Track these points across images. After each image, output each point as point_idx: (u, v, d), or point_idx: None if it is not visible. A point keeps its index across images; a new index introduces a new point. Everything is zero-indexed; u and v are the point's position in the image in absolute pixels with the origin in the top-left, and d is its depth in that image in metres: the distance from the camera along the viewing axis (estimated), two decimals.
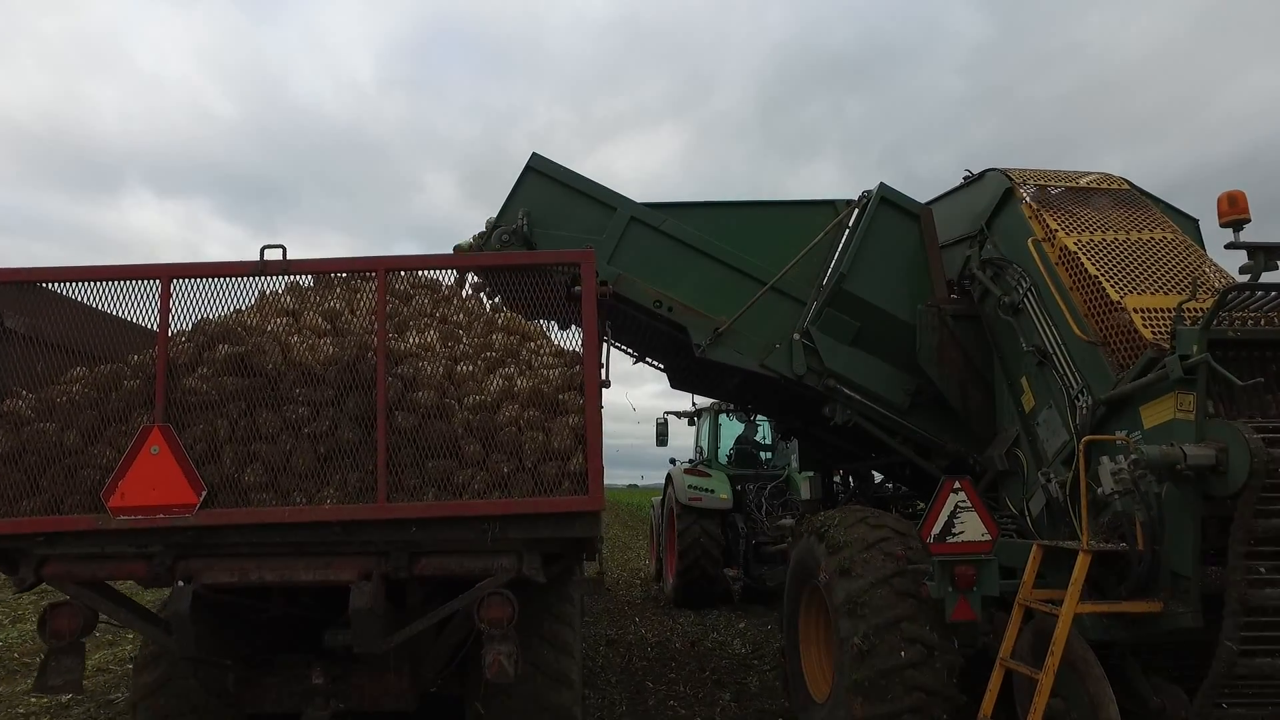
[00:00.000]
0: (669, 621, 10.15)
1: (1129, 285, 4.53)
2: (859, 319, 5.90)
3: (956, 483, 4.49)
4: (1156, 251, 4.81)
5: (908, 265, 5.93)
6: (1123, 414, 4.31)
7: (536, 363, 4.32)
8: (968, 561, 4.40)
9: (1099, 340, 4.53)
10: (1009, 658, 4.17)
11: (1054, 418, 4.90)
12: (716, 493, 10.76)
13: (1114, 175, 5.66)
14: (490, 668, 3.86)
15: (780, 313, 6.00)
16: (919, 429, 5.99)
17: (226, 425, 3.96)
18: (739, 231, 6.12)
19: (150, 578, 3.97)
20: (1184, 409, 3.84)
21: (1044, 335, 4.93)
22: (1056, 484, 4.77)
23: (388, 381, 3.97)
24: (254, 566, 3.95)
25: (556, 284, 4.32)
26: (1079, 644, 3.93)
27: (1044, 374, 4.97)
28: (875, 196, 5.97)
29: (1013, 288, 5.24)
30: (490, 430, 4.00)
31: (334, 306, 4.52)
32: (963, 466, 5.80)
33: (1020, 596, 4.20)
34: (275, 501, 3.89)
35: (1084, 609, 3.86)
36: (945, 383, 5.68)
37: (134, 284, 4.14)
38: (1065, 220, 5.10)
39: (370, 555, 3.97)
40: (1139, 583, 3.92)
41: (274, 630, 4.70)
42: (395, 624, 4.13)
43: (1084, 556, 3.88)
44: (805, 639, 5.64)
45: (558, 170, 6.04)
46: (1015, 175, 5.55)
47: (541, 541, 4.02)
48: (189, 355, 4.08)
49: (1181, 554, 3.79)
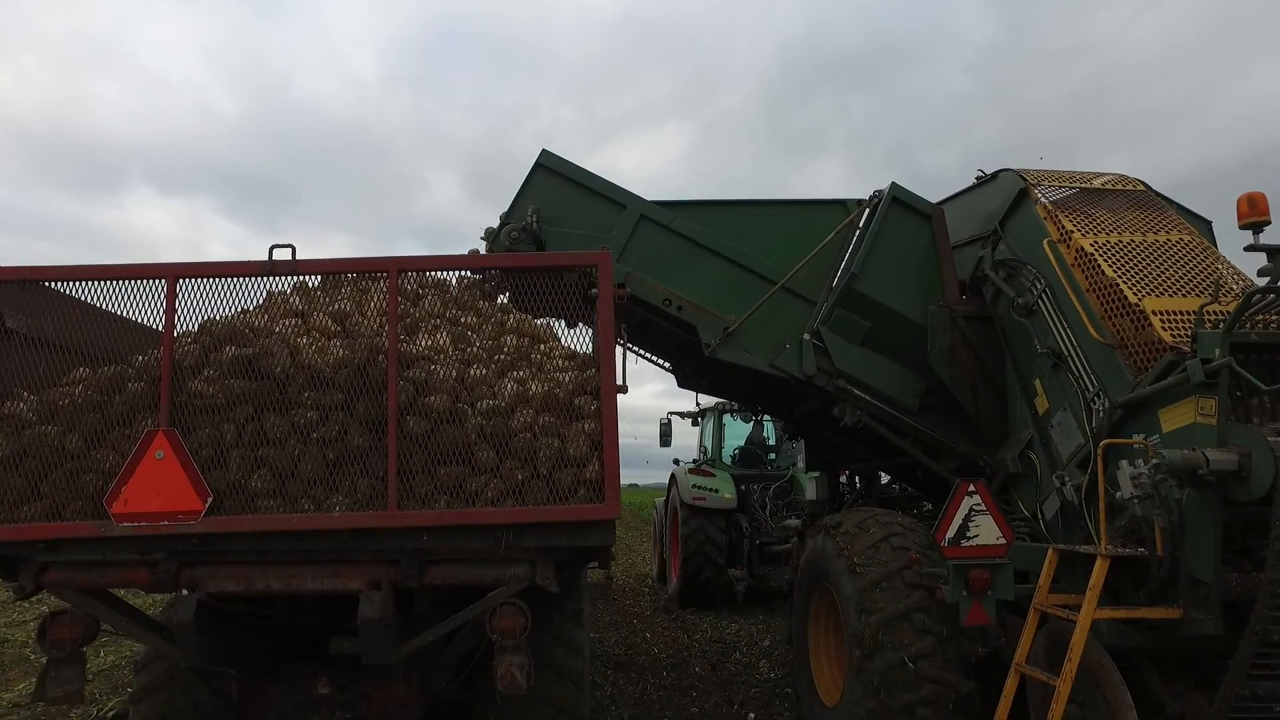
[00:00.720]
0: (683, 636, 9.53)
1: (1147, 288, 4.48)
2: (870, 319, 5.85)
3: (971, 486, 4.44)
4: (1174, 254, 4.76)
5: (919, 266, 5.88)
6: (1140, 417, 4.26)
7: (548, 365, 4.24)
8: (982, 566, 4.36)
9: (1116, 343, 4.48)
10: (1024, 663, 4.13)
11: (1069, 420, 4.85)
12: (720, 493, 10.73)
13: (1129, 176, 5.61)
14: (502, 679, 3.78)
15: (790, 313, 5.96)
16: (929, 430, 5.95)
17: (233, 430, 3.87)
18: (749, 230, 6.08)
19: (154, 586, 3.89)
20: (1205, 413, 3.80)
21: (1059, 337, 4.88)
22: (1071, 487, 4.72)
23: (399, 385, 3.87)
24: (260, 575, 3.86)
25: (568, 284, 4.24)
26: (1096, 650, 3.88)
27: (1059, 376, 4.92)
28: (887, 196, 5.91)
29: (1027, 289, 5.19)
30: (504, 436, 3.91)
31: (343, 308, 4.41)
32: (973, 468, 5.76)
33: (1036, 601, 4.15)
34: (282, 508, 3.80)
35: (1102, 615, 3.82)
36: (956, 384, 5.64)
37: (139, 284, 4.04)
38: (1081, 221, 5.05)
39: (380, 564, 3.88)
40: (1158, 588, 3.87)
41: (278, 637, 4.61)
42: (404, 634, 4.05)
43: (1102, 562, 3.83)
44: (815, 643, 5.60)
45: (568, 167, 5.99)
46: (1030, 176, 5.50)
47: (555, 550, 3.94)
48: (194, 357, 3.98)
49: (1202, 560, 3.74)
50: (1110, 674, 3.84)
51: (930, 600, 4.53)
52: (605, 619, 10.42)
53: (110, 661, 7.92)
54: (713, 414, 13.13)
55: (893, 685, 4.40)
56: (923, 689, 4.37)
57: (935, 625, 4.49)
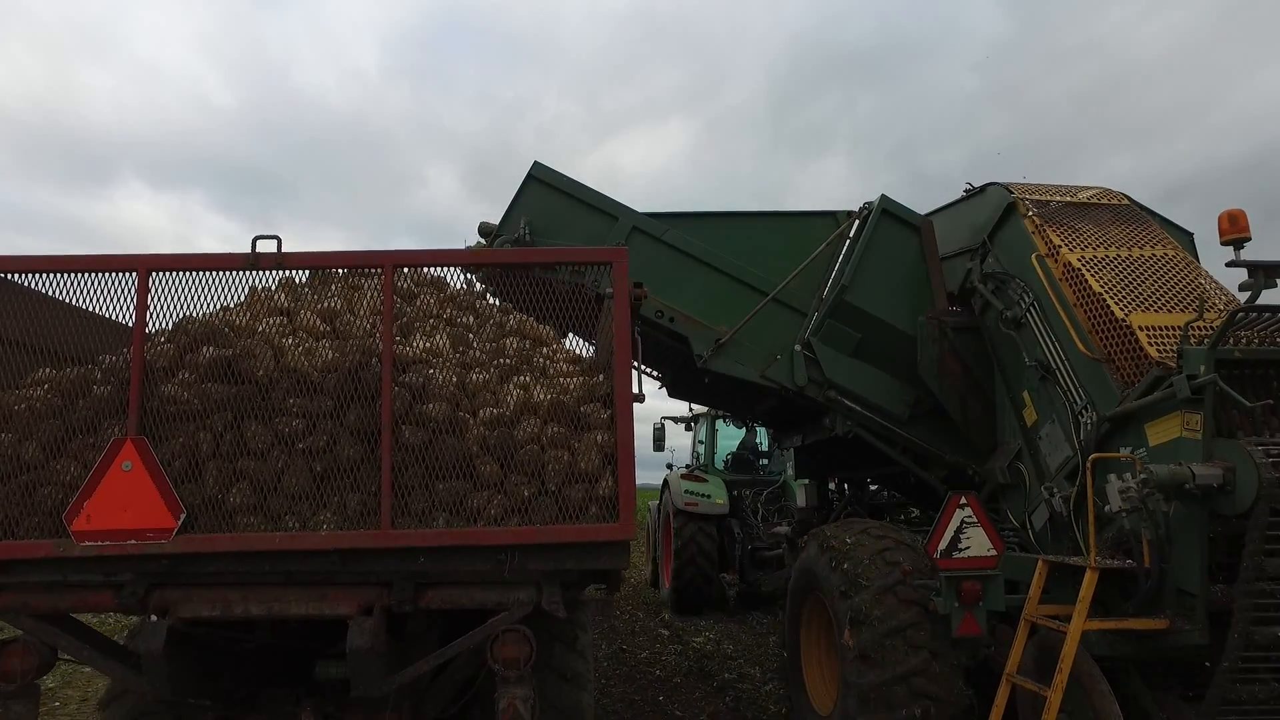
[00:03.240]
0: (674, 640, 9.25)
1: (1133, 303, 4.56)
2: (860, 330, 5.92)
3: (963, 499, 4.51)
4: (1158, 269, 4.84)
5: (908, 277, 5.96)
6: (1127, 431, 4.33)
7: (552, 370, 3.93)
8: (974, 577, 4.43)
9: (1103, 357, 4.55)
10: (1015, 674, 4.19)
11: (1056, 432, 4.92)
12: (713, 498, 10.77)
13: (1113, 190, 5.70)
14: (504, 714, 3.46)
15: (781, 324, 6.02)
16: (918, 440, 6.02)
17: (210, 439, 3.51)
18: (740, 242, 6.13)
19: (120, 610, 3.55)
20: (1190, 428, 3.87)
21: (1047, 350, 4.96)
22: (1060, 498, 4.80)
23: (394, 391, 3.53)
24: (239, 598, 3.52)
25: (571, 284, 4.01)
26: (1086, 660, 3.95)
27: (1046, 388, 5.00)
28: (876, 208, 5.99)
29: (1015, 302, 5.26)
30: (509, 448, 3.58)
31: (333, 306, 4.05)
32: (961, 478, 5.83)
33: (1026, 612, 4.21)
34: (264, 526, 3.48)
35: (1091, 626, 3.88)
36: (945, 395, 5.71)
37: (108, 277, 3.64)
38: (1068, 236, 5.12)
39: (371, 587, 3.57)
40: (1146, 600, 3.95)
41: (259, 661, 4.27)
42: (398, 661, 3.74)
43: (1091, 574, 3.90)
44: (807, 651, 5.65)
45: (559, 179, 6.03)
46: (1017, 189, 5.58)
47: (564, 573, 3.63)
48: (169, 358, 3.61)
49: (1188, 571, 3.82)
50: (1099, 684, 3.91)
51: (924, 615, 4.56)
52: (596, 623, 10.25)
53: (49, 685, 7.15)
54: (706, 419, 13.19)
55: (887, 700, 4.43)
56: (916, 705, 4.40)
57: (930, 640, 4.50)
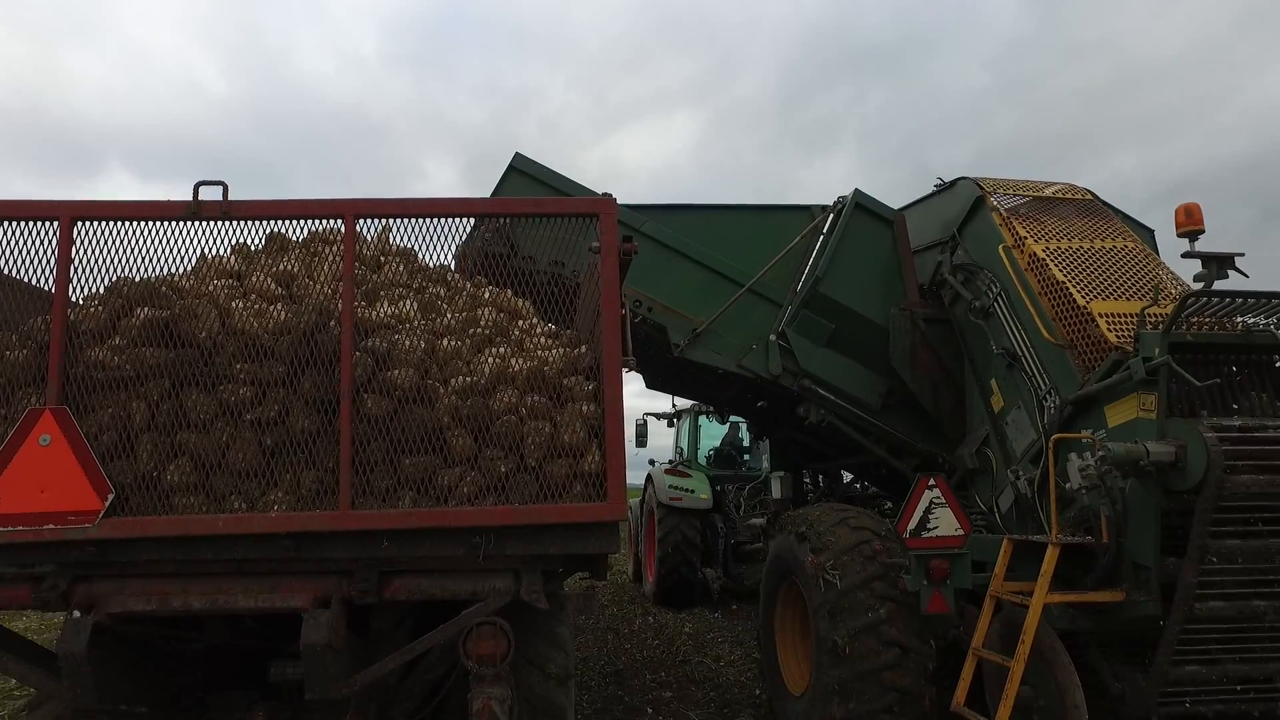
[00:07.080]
0: (656, 635, 9.05)
1: (1094, 291, 4.73)
2: (834, 321, 6.06)
3: (931, 480, 4.66)
4: (1118, 259, 5.02)
5: (881, 270, 6.11)
6: (1089, 413, 4.49)
7: (530, 343, 3.65)
8: (942, 555, 4.57)
9: (1066, 343, 4.71)
10: (980, 648, 4.34)
11: (1022, 417, 5.09)
12: (696, 493, 10.87)
13: (1078, 186, 5.89)
14: (479, 715, 3.17)
15: (757, 314, 6.16)
16: (891, 429, 6.17)
17: (144, 409, 3.13)
18: (718, 234, 6.27)
19: (38, 607, 3.15)
20: (1146, 408, 4.03)
21: (1013, 338, 5.12)
22: (1025, 481, 4.95)
23: (355, 356, 3.18)
24: (177, 590, 3.15)
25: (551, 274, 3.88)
26: (1047, 633, 4.10)
27: (1013, 375, 5.16)
28: (850, 202, 6.14)
29: (983, 292, 5.43)
30: (484, 419, 3.25)
31: (289, 269, 3.65)
32: (933, 466, 5.98)
33: (992, 589, 4.36)
34: (206, 507, 3.12)
35: (1052, 599, 4.03)
36: (917, 384, 5.86)
37: (26, 227, 3.25)
38: (1033, 228, 5.30)
39: (329, 576, 3.24)
40: (1104, 574, 4.10)
41: (206, 663, 3.89)
42: (359, 660, 3.35)
43: (1053, 549, 4.05)
44: (781, 632, 5.76)
45: (540, 170, 6.14)
46: (986, 184, 5.75)
47: (546, 559, 3.33)
48: (99, 322, 3.22)
49: (1143, 546, 3.97)
50: (1060, 655, 4.07)
51: (897, 611, 4.65)
52: (579, 619, 10.24)
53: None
54: (688, 415, 13.31)
55: (858, 692, 4.53)
56: (885, 698, 4.52)
57: (902, 636, 4.61)
